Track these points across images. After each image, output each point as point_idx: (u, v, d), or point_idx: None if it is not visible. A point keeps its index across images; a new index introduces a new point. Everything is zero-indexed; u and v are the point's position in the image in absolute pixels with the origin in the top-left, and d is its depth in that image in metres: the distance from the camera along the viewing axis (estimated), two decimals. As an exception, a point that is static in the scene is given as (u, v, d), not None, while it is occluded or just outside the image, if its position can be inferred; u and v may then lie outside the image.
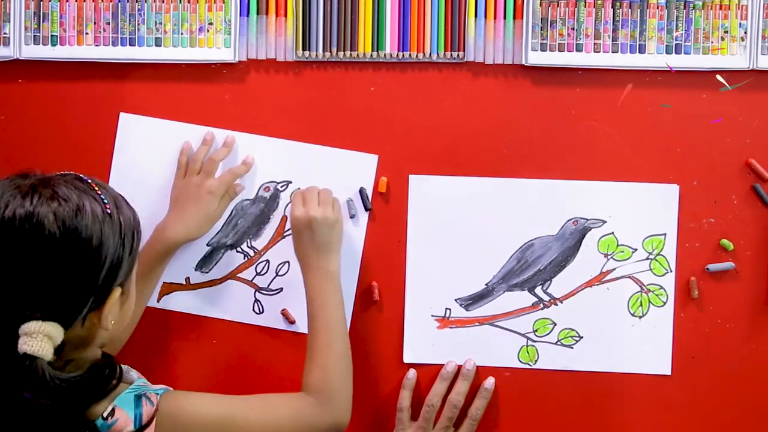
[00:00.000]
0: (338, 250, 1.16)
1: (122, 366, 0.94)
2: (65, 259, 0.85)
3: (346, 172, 1.22)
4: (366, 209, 1.22)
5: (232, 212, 1.23)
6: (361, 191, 1.22)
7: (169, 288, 1.23)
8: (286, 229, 1.23)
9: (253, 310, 1.23)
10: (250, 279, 1.24)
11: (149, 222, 1.17)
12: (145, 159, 1.22)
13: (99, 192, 0.91)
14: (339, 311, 1.13)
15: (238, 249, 1.24)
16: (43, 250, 0.84)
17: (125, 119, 1.23)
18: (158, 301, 1.23)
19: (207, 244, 1.23)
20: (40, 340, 0.83)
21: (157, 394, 0.93)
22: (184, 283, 1.23)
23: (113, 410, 0.90)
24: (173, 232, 1.17)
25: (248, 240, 1.23)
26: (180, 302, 1.23)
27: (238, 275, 1.24)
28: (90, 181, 0.92)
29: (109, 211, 0.89)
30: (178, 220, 1.18)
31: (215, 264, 1.24)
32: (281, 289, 1.23)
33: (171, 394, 0.95)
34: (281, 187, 1.23)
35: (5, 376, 0.84)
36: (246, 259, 1.24)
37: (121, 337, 1.14)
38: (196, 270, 1.23)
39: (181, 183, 1.20)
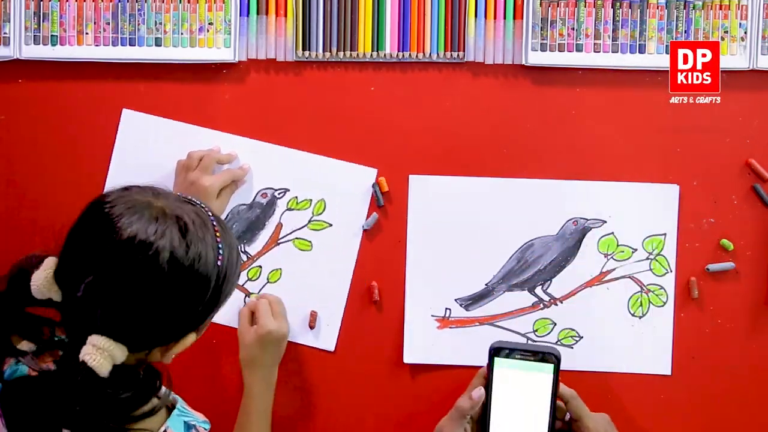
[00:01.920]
0: None
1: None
2: (161, 295, 0.83)
3: (344, 184, 1.22)
4: (379, 205, 1.22)
5: (227, 216, 1.23)
6: (374, 187, 1.22)
7: None
8: (280, 236, 1.23)
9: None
10: (241, 284, 1.23)
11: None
12: (146, 157, 1.22)
13: (219, 240, 0.88)
14: (270, 423, 1.16)
15: None
16: (145, 279, 0.82)
17: (128, 116, 1.22)
18: None
19: None
20: (102, 357, 0.81)
21: (206, 429, 0.94)
22: None
23: (166, 431, 0.89)
24: None
25: (242, 245, 1.23)
26: None
27: None
28: (215, 223, 0.89)
29: (219, 263, 0.87)
30: None
31: None
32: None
33: None
34: (278, 194, 1.23)
35: (61, 372, 0.83)
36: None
37: None
38: None
39: (180, 180, 1.19)
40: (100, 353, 0.81)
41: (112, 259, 0.82)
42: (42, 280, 0.86)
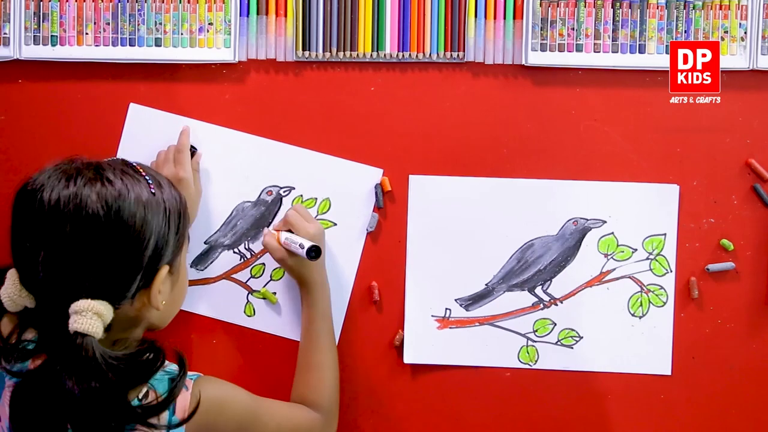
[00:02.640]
0: None
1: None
2: (110, 238, 0.86)
3: (349, 183, 1.22)
4: (379, 207, 1.22)
5: (232, 213, 1.23)
6: (376, 188, 1.22)
7: None
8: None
9: (245, 312, 1.23)
10: (244, 281, 1.23)
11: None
12: (151, 150, 1.22)
13: (144, 173, 0.93)
14: (333, 331, 1.19)
15: (235, 250, 1.24)
16: (87, 230, 0.86)
17: (134, 110, 1.22)
18: None
19: (204, 242, 1.23)
20: (89, 318, 0.84)
21: (191, 378, 0.96)
22: None
23: (147, 392, 0.91)
24: None
25: (246, 242, 1.23)
26: None
27: (232, 276, 1.24)
28: (135, 164, 0.94)
29: (153, 191, 0.91)
30: None
31: (211, 262, 1.23)
32: (274, 293, 1.23)
33: (205, 380, 0.98)
34: (284, 192, 1.23)
35: (58, 357, 0.85)
36: (242, 260, 1.24)
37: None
38: (191, 266, 1.23)
39: None
40: (86, 315, 0.84)
41: (49, 226, 0.86)
42: (11, 290, 0.88)
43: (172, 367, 0.97)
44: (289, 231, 1.17)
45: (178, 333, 1.22)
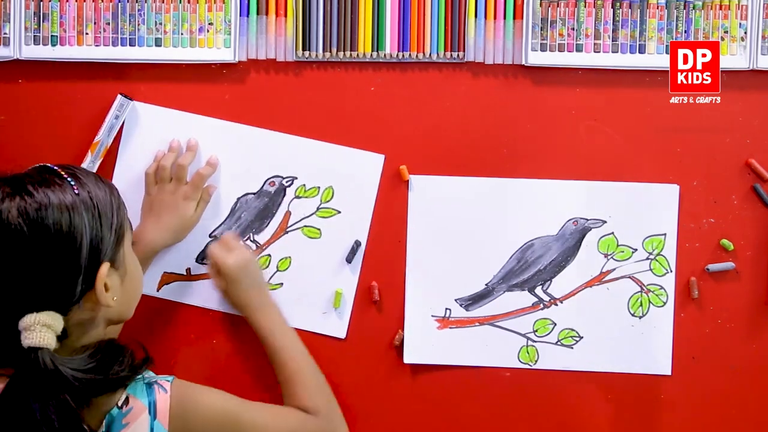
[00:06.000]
0: (259, 281, 1.19)
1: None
2: (40, 250, 0.86)
3: (352, 171, 1.22)
4: (347, 261, 1.22)
5: (236, 205, 1.23)
6: (356, 244, 1.22)
7: (169, 278, 1.23)
8: (289, 224, 1.23)
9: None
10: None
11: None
12: (152, 146, 1.22)
13: (66, 176, 0.91)
14: (298, 338, 1.18)
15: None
16: (14, 246, 0.85)
17: (133, 107, 1.22)
18: (158, 291, 1.23)
19: (210, 236, 1.23)
20: (38, 331, 0.84)
21: (168, 381, 0.96)
22: (185, 273, 1.23)
23: (127, 399, 0.91)
24: (150, 240, 1.17)
25: (251, 234, 1.23)
26: (180, 293, 1.23)
27: None
28: (56, 168, 0.93)
29: (77, 192, 0.90)
30: (155, 228, 1.17)
31: None
32: (282, 284, 1.23)
33: (183, 384, 0.97)
34: (287, 182, 1.23)
35: (20, 377, 0.85)
36: None
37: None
38: (197, 261, 1.23)
39: (154, 191, 1.19)
40: (35, 329, 0.84)
41: None
42: None
43: (147, 371, 0.96)
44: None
45: (184, 326, 1.23)
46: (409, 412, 1.23)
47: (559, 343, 1.23)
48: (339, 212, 1.23)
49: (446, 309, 1.23)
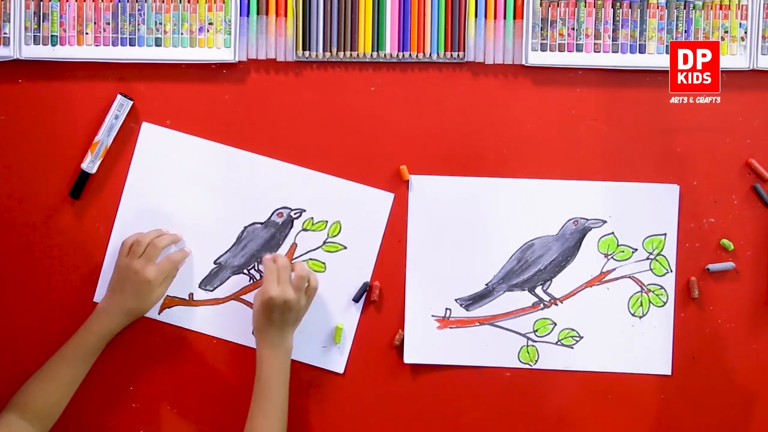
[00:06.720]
0: (296, 325, 1.17)
1: None
2: None
3: (360, 207, 1.22)
4: (354, 300, 1.22)
5: (243, 233, 1.22)
6: (364, 286, 1.22)
7: (171, 302, 1.22)
8: (294, 256, 1.22)
9: (253, 333, 1.20)
10: (253, 302, 1.23)
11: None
12: (162, 170, 1.22)
13: None
14: (287, 393, 1.15)
15: (245, 271, 1.23)
16: None
17: (147, 129, 1.22)
18: (159, 314, 1.22)
19: (214, 263, 1.22)
20: None
21: None
22: (187, 298, 1.23)
23: None
24: (113, 317, 1.17)
25: (256, 263, 1.23)
26: (181, 317, 1.22)
27: (241, 297, 1.23)
28: None
29: None
30: (119, 304, 1.17)
31: (220, 283, 1.23)
32: None
33: None
34: (295, 214, 1.22)
35: None
36: (252, 281, 1.23)
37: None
38: (200, 287, 1.23)
39: (123, 264, 1.18)
40: None
41: None
42: None
43: None
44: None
45: (183, 351, 1.23)
46: (409, 412, 1.23)
47: (559, 343, 1.23)
48: (345, 248, 1.22)
49: (446, 309, 1.23)
